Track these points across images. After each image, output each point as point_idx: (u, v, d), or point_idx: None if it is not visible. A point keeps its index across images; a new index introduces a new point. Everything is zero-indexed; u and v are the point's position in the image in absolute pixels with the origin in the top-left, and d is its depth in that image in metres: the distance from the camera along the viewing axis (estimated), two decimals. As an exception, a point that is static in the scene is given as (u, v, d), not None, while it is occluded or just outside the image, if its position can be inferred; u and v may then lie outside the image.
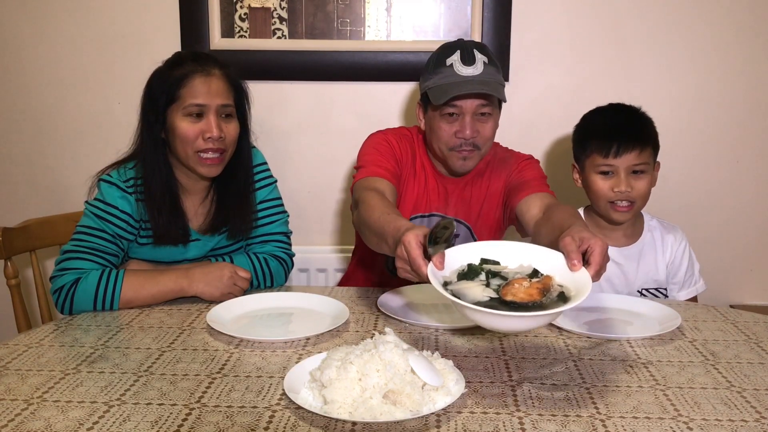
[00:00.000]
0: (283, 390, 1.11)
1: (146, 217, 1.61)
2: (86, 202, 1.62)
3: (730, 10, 2.21)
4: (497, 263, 1.24)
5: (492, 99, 1.68)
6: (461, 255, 1.23)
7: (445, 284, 1.17)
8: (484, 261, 1.24)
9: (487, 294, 1.14)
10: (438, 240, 1.20)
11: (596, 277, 1.18)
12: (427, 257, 1.19)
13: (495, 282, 1.18)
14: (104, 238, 1.57)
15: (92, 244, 1.55)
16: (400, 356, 1.08)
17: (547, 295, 1.14)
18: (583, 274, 1.17)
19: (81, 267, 1.52)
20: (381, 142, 1.78)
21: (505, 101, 1.72)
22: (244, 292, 1.59)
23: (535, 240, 1.55)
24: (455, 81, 1.65)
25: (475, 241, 1.84)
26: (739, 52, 2.24)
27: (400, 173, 1.77)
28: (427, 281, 1.17)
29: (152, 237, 1.62)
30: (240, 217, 1.69)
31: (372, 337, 1.15)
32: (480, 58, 1.67)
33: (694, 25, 2.23)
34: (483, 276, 1.20)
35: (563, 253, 1.20)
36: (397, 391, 1.03)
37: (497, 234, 1.89)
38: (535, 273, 1.20)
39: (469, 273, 1.21)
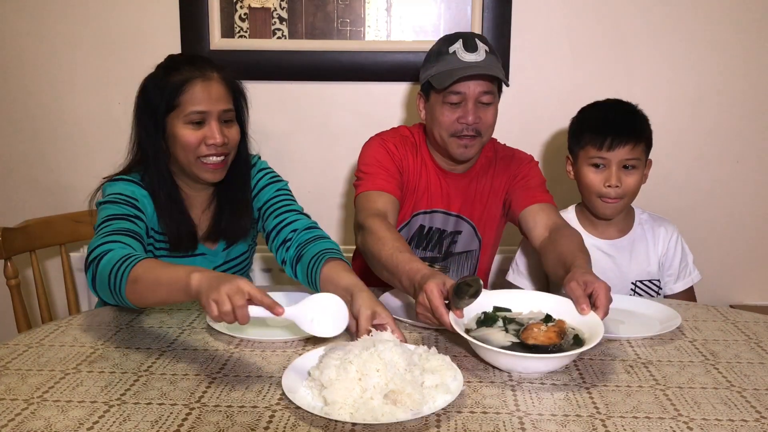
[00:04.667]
0: (283, 389, 1.11)
1: (157, 227, 1.57)
2: (98, 201, 1.55)
3: (730, 10, 2.21)
4: (509, 310, 1.36)
5: (493, 87, 1.72)
6: (475, 303, 1.31)
7: (467, 331, 1.27)
8: (496, 309, 1.36)
9: (509, 339, 1.25)
10: (462, 294, 1.27)
11: (604, 317, 1.29)
12: (449, 307, 1.28)
13: (512, 327, 1.30)
14: (131, 221, 1.48)
15: (122, 226, 1.46)
16: (399, 355, 1.08)
17: (565, 338, 1.24)
18: (593, 317, 1.28)
19: (120, 240, 1.40)
20: (381, 150, 1.78)
21: (508, 86, 1.76)
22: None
23: (542, 261, 1.66)
24: (459, 66, 1.68)
25: (479, 238, 1.86)
26: (739, 52, 2.24)
27: (402, 180, 1.78)
28: (447, 329, 1.27)
29: (166, 247, 1.59)
30: (238, 220, 1.65)
31: (370, 334, 1.15)
32: (482, 46, 1.70)
33: (694, 24, 2.23)
34: (500, 322, 1.31)
35: (571, 298, 1.33)
36: (398, 391, 1.04)
37: (498, 231, 1.91)
38: (548, 318, 1.31)
39: (486, 320, 1.32)
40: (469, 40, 1.71)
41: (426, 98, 1.79)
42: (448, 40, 1.74)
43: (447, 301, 1.29)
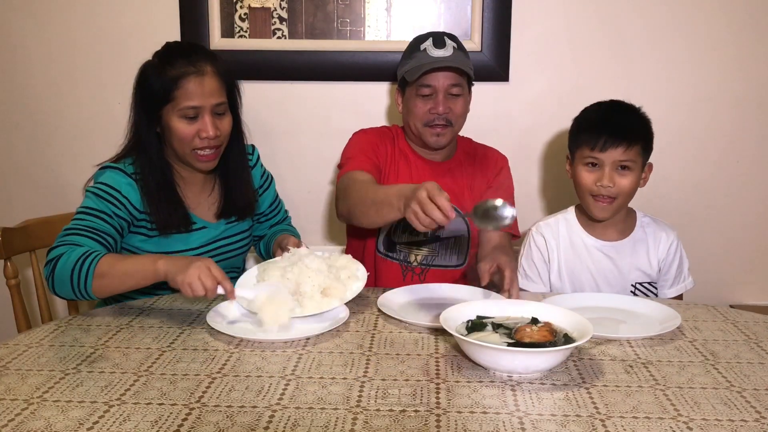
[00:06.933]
0: (283, 390, 1.11)
1: (148, 209, 1.63)
2: (87, 187, 1.63)
3: (729, 10, 2.21)
4: (491, 318, 1.35)
5: (461, 80, 1.84)
6: (458, 313, 1.34)
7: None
8: (479, 317, 1.35)
9: (504, 341, 1.25)
10: (494, 218, 1.39)
11: (515, 291, 1.52)
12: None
13: (502, 331, 1.29)
14: (104, 219, 1.56)
15: (92, 224, 1.55)
16: (321, 262, 1.48)
17: (557, 336, 1.25)
18: (576, 317, 1.30)
19: (77, 243, 1.50)
20: (362, 139, 1.92)
21: (473, 79, 1.87)
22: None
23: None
24: (428, 61, 1.81)
25: (467, 223, 1.94)
26: (739, 52, 2.24)
27: (381, 165, 1.90)
28: (448, 214, 1.36)
29: (156, 228, 1.64)
30: (245, 197, 1.78)
31: (286, 252, 1.54)
32: (450, 43, 1.85)
33: (694, 25, 2.23)
34: (490, 327, 1.31)
35: (479, 273, 1.54)
36: (329, 287, 1.41)
37: None
38: (534, 320, 1.32)
39: (475, 326, 1.31)
40: (437, 38, 1.84)
41: (402, 93, 1.92)
42: (421, 37, 1.88)
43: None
